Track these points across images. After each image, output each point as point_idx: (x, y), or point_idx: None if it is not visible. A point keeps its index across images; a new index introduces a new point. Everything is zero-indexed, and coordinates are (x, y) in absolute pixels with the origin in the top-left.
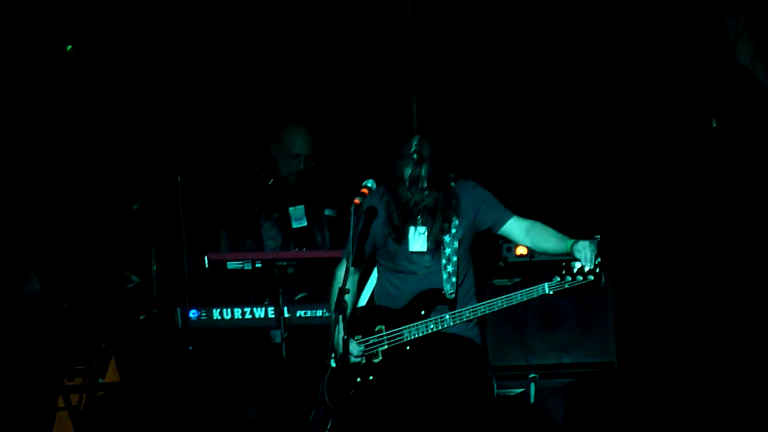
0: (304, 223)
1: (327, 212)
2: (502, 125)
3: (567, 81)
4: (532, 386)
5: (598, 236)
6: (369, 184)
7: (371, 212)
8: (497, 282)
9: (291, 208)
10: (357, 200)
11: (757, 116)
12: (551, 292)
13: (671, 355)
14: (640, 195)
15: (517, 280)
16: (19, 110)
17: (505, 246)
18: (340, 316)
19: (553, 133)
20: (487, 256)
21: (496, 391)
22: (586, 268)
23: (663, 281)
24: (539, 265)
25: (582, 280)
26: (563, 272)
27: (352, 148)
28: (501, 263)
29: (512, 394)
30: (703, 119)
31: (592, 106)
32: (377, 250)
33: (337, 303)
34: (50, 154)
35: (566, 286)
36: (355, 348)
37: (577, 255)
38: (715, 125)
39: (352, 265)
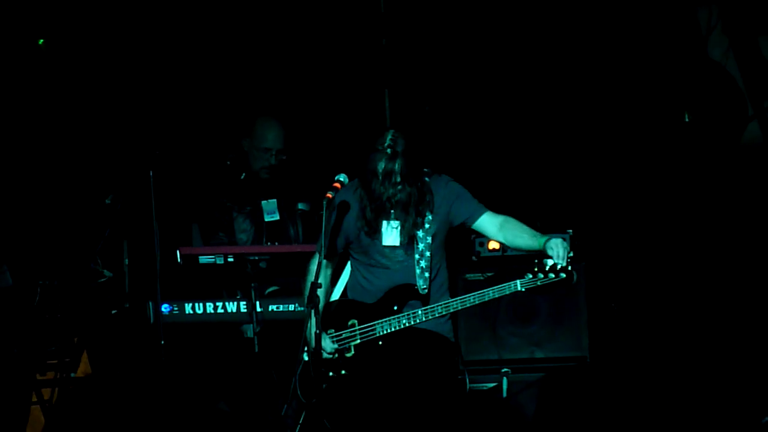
0: (277, 217)
1: (300, 206)
2: (475, 119)
3: (538, 76)
4: (505, 381)
5: (570, 231)
6: (341, 179)
7: (344, 206)
8: (470, 276)
9: (264, 202)
10: (329, 194)
11: (729, 110)
12: (523, 289)
13: (644, 350)
14: (612, 189)
15: (490, 274)
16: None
17: (477, 240)
18: (312, 311)
19: (525, 127)
20: (460, 250)
21: (468, 386)
22: (559, 266)
23: (635, 276)
24: (512, 260)
25: (554, 278)
26: (535, 269)
27: (325, 142)
28: (474, 258)
29: (485, 388)
30: (676, 113)
31: (564, 100)
32: (350, 244)
33: (309, 297)
34: (22, 147)
35: (538, 283)
36: (328, 344)
37: (550, 252)
38: (687, 119)
39: (325, 259)
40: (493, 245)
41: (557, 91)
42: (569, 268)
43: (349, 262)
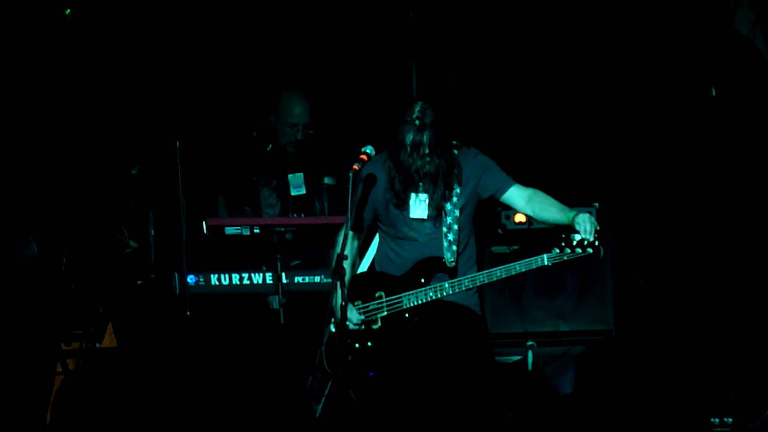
0: (303, 191)
1: (326, 180)
2: (502, 92)
3: (567, 48)
4: (530, 354)
5: (597, 204)
6: (368, 150)
7: (370, 179)
8: (496, 249)
9: (290, 176)
10: (356, 166)
11: (757, 85)
12: (550, 264)
13: (669, 324)
14: (639, 163)
15: (516, 247)
16: (16, 75)
17: (503, 213)
18: (338, 282)
19: (552, 100)
20: (486, 223)
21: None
22: (586, 241)
23: (662, 250)
24: (538, 233)
25: (581, 253)
26: (562, 244)
27: (352, 115)
28: (499, 230)
29: (510, 361)
30: (703, 88)
31: (592, 73)
32: (378, 216)
33: (335, 269)
34: (49, 118)
35: (565, 258)
36: (354, 316)
37: (578, 227)
38: (714, 94)
39: (352, 231)
40: (519, 218)
41: (585, 65)
42: (596, 243)
43: (377, 235)
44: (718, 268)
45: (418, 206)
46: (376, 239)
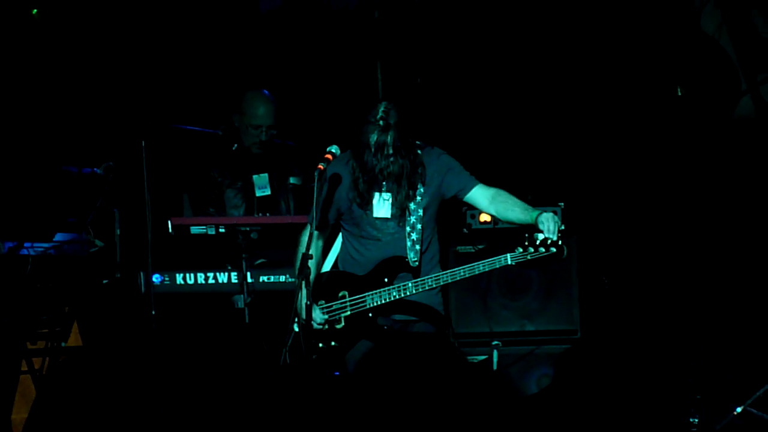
0: (268, 192)
1: (292, 180)
2: (467, 92)
3: (532, 48)
4: (495, 353)
5: (562, 204)
6: (333, 150)
7: (335, 178)
8: (461, 249)
9: (255, 176)
10: (321, 166)
11: (722, 85)
12: (513, 263)
13: (634, 324)
14: (604, 163)
15: (481, 247)
16: None
17: (469, 213)
18: (303, 282)
19: (517, 100)
20: (451, 222)
21: None
22: (549, 240)
23: (626, 250)
24: (503, 233)
25: (544, 252)
26: (526, 243)
27: (317, 115)
28: (465, 230)
29: (475, 361)
30: (668, 87)
31: (556, 73)
32: (341, 216)
33: (300, 268)
34: (14, 116)
35: (528, 257)
36: (318, 315)
37: (541, 227)
38: (680, 93)
39: (316, 230)
40: (484, 218)
41: (548, 65)
42: (560, 242)
43: (340, 234)
44: (683, 267)
45: (382, 206)
46: (339, 239)
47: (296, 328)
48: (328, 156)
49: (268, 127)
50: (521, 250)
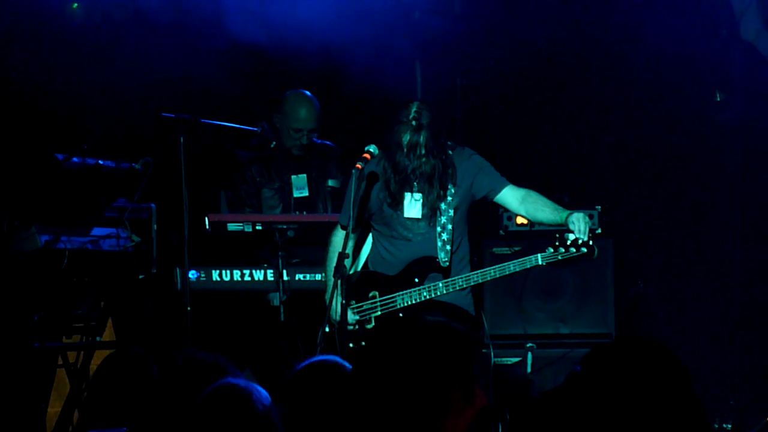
0: (306, 193)
1: (330, 183)
2: (506, 94)
3: (570, 51)
4: (529, 355)
5: (599, 207)
6: (371, 149)
7: (372, 177)
8: (497, 250)
9: (293, 177)
10: (359, 165)
11: (760, 91)
12: (544, 263)
13: (668, 328)
14: (641, 166)
15: (517, 249)
16: (24, 67)
17: (505, 215)
18: (339, 281)
19: (556, 102)
20: (488, 224)
21: (493, 360)
22: (580, 240)
23: (664, 253)
24: (539, 235)
25: (575, 252)
26: (556, 243)
27: (357, 116)
28: (501, 232)
29: (509, 363)
30: (708, 92)
31: (597, 76)
32: (372, 216)
33: (336, 267)
34: (52, 111)
35: (559, 257)
36: (350, 316)
37: (571, 227)
38: (718, 99)
39: (352, 230)
40: (521, 220)
41: (590, 67)
42: (590, 242)
43: (370, 235)
44: (718, 272)
45: (413, 206)
46: (369, 239)
47: (327, 329)
48: (366, 155)
49: (310, 130)
50: (552, 250)
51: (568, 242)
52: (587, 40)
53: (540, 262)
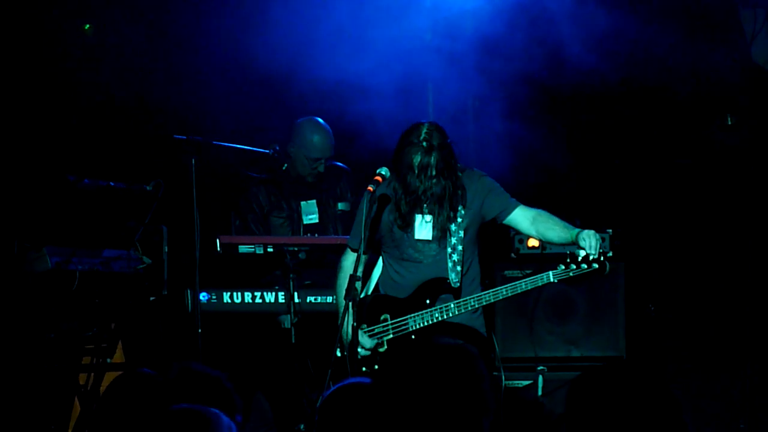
0: (316, 220)
1: (340, 206)
2: (518, 116)
3: (581, 74)
4: (540, 378)
5: (610, 230)
6: (383, 172)
7: (383, 199)
8: (508, 273)
9: (303, 203)
10: (370, 188)
11: None
12: (556, 281)
13: (680, 352)
14: (653, 190)
15: (529, 271)
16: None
17: (517, 238)
18: (350, 303)
19: (568, 126)
20: (499, 247)
21: (503, 383)
22: (591, 257)
23: (675, 278)
24: (551, 257)
25: (586, 268)
26: (568, 260)
27: (367, 140)
28: (513, 255)
29: (520, 386)
30: (719, 115)
31: (608, 100)
32: (382, 238)
33: (347, 290)
34: (63, 132)
35: (570, 274)
36: (366, 340)
37: (582, 243)
38: (730, 122)
39: (363, 252)
40: (532, 242)
41: (601, 91)
42: (601, 258)
43: (380, 259)
44: (732, 298)
45: (423, 227)
46: (380, 262)
47: (338, 353)
48: (378, 178)
49: (326, 159)
50: (563, 267)
51: (579, 258)
52: (599, 61)
53: (552, 279)
